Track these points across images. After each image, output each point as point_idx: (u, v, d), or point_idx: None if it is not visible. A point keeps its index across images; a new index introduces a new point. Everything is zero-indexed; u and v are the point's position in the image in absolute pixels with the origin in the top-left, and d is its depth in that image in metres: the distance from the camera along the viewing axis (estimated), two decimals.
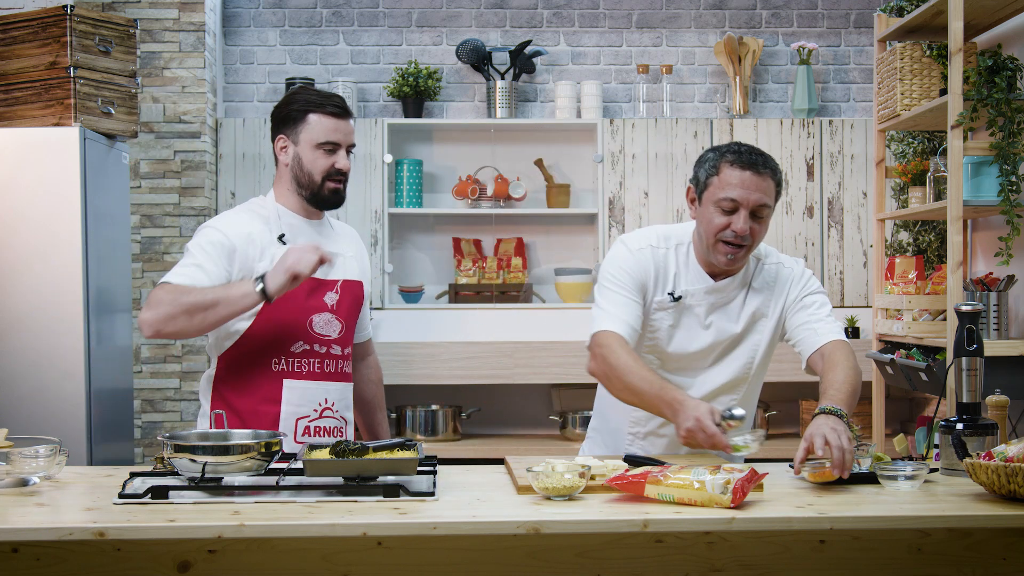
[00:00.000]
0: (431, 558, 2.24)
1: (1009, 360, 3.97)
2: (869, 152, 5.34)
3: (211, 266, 2.85)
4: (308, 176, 2.97)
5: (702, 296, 2.87)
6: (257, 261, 2.90)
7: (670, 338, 2.88)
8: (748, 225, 2.75)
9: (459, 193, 5.43)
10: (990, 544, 2.29)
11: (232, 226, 2.93)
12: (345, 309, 3.02)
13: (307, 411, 2.95)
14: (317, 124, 2.96)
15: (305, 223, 3.02)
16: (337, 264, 3.02)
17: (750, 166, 2.76)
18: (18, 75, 4.13)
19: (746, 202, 2.75)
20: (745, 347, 2.93)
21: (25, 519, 2.23)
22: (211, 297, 2.77)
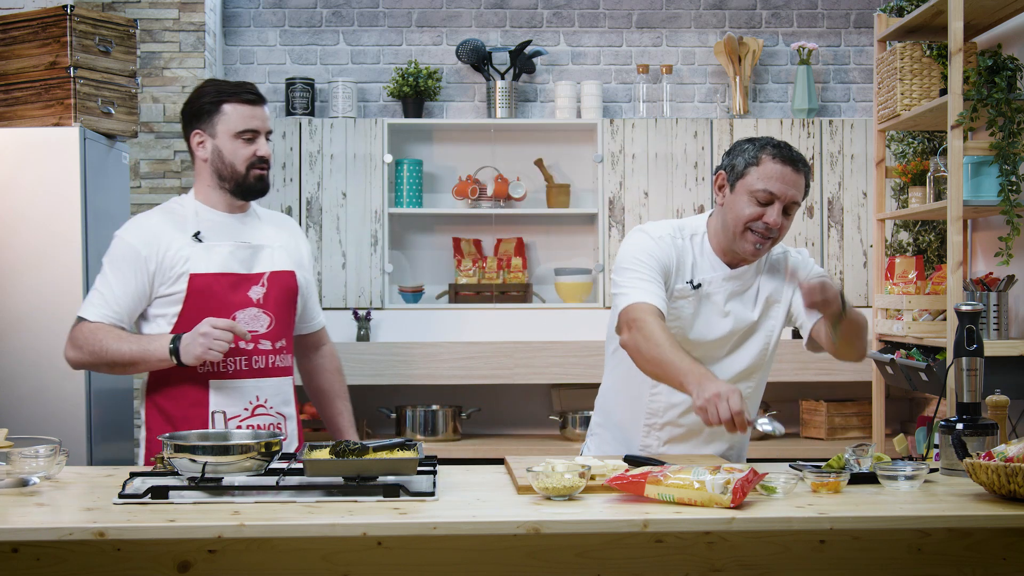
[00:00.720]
0: (431, 558, 2.24)
1: (1009, 360, 3.97)
2: (869, 152, 5.34)
3: (120, 286, 2.88)
4: (231, 167, 2.93)
5: (720, 284, 2.90)
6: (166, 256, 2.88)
7: (691, 326, 2.90)
8: (780, 219, 2.80)
9: (459, 193, 5.44)
10: (990, 544, 2.29)
11: (137, 232, 2.93)
12: (274, 302, 2.97)
13: (237, 410, 2.92)
14: (233, 113, 2.92)
15: (226, 218, 2.98)
16: (263, 256, 2.98)
17: (790, 162, 2.81)
18: (18, 75, 4.13)
19: (783, 196, 2.80)
20: (761, 334, 2.95)
21: (25, 519, 2.23)
22: (128, 356, 2.84)
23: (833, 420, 5.29)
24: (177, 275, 2.89)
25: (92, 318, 2.88)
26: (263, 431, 2.79)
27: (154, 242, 2.89)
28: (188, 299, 2.89)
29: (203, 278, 2.89)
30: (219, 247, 2.93)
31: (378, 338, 5.36)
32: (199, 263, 2.90)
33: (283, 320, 3.01)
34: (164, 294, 2.90)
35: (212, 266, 2.91)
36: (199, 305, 2.89)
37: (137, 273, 2.88)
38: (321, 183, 5.31)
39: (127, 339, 2.86)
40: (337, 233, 5.31)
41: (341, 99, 5.41)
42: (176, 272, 2.88)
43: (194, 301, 2.89)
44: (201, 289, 2.89)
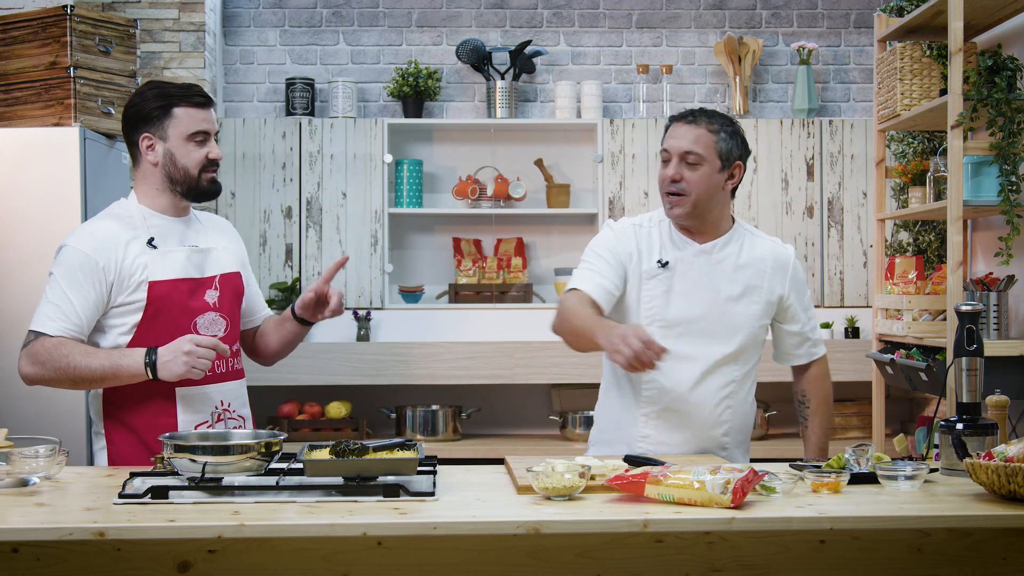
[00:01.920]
0: (431, 558, 2.24)
1: (1009, 360, 3.97)
2: (869, 152, 5.34)
3: (78, 298, 2.79)
4: (184, 171, 2.88)
5: (692, 259, 3.00)
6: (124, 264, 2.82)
7: (667, 303, 2.98)
8: (678, 171, 2.94)
9: (459, 193, 5.44)
10: (990, 544, 2.29)
11: (90, 239, 2.83)
12: (228, 304, 2.96)
13: (204, 416, 2.89)
14: (185, 116, 2.87)
15: (173, 222, 2.93)
16: (212, 259, 2.96)
17: (681, 118, 2.98)
18: (18, 75, 4.14)
19: (674, 149, 2.95)
20: (742, 314, 3.00)
21: (25, 519, 2.23)
22: (99, 371, 2.74)
23: (833, 420, 5.27)
24: (136, 283, 2.82)
25: (53, 332, 2.78)
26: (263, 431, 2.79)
27: (110, 250, 2.82)
28: (149, 306, 2.83)
29: (162, 285, 2.85)
30: (174, 252, 2.89)
31: (378, 338, 5.36)
32: (156, 270, 2.85)
33: (235, 322, 3.00)
34: (122, 303, 2.83)
35: (169, 272, 2.86)
36: (160, 311, 2.84)
37: (95, 284, 2.80)
38: (321, 183, 5.31)
39: (95, 354, 2.76)
40: (337, 233, 5.31)
41: (341, 99, 5.41)
42: (135, 280, 2.82)
43: (154, 309, 2.83)
44: (161, 296, 2.84)
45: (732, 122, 2.99)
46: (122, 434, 2.87)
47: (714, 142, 2.93)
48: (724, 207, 3.03)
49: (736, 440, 3.09)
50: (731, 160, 2.96)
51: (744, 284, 3.00)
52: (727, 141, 2.94)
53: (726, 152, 2.95)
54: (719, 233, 3.02)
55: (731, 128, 2.96)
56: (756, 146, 5.37)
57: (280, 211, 5.29)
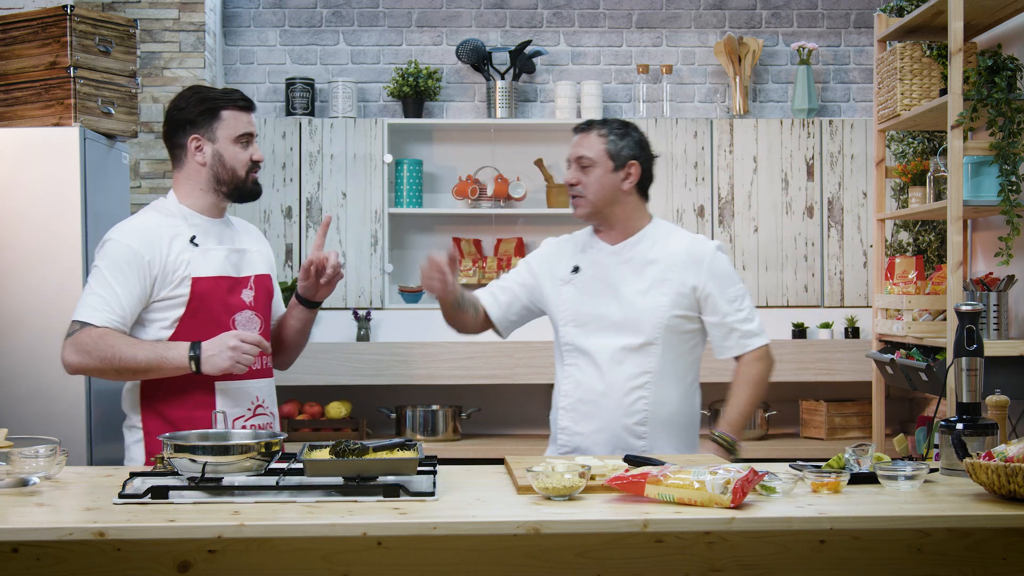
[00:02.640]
0: (431, 558, 2.24)
1: (1009, 360, 3.97)
2: (869, 152, 5.34)
3: (123, 291, 2.85)
4: (231, 171, 2.96)
5: (603, 260, 3.18)
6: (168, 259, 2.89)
7: (579, 304, 3.17)
8: (573, 175, 3.15)
9: (459, 193, 5.44)
10: (990, 544, 2.29)
11: (135, 234, 2.91)
12: (261, 304, 3.04)
13: (241, 411, 2.96)
14: (232, 119, 2.96)
15: (212, 222, 3.00)
16: (247, 260, 3.03)
17: (578, 129, 3.20)
18: (18, 75, 4.13)
19: (571, 157, 3.18)
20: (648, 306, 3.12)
21: (25, 519, 2.23)
22: (144, 362, 2.82)
23: (833, 420, 5.29)
24: (180, 279, 2.89)
25: (99, 323, 2.84)
26: (263, 431, 2.79)
27: (155, 246, 2.89)
28: (191, 302, 2.90)
29: (204, 281, 2.91)
30: (215, 251, 2.96)
31: (378, 338, 5.36)
32: (199, 267, 2.92)
33: (267, 322, 3.07)
34: (164, 297, 2.90)
35: (210, 270, 2.93)
36: (202, 308, 2.90)
37: (141, 277, 2.87)
38: (321, 183, 5.31)
39: (140, 346, 2.84)
40: (337, 233, 5.31)
41: (341, 99, 5.41)
42: (179, 276, 2.89)
43: (196, 305, 2.90)
44: (203, 293, 2.91)
45: (625, 126, 3.18)
46: (159, 426, 2.91)
47: (603, 145, 3.13)
48: (632, 206, 3.18)
49: (658, 431, 3.13)
50: (623, 160, 3.14)
51: (651, 278, 3.13)
52: (616, 143, 3.13)
53: (616, 153, 3.13)
54: (632, 232, 3.19)
55: (621, 131, 3.16)
56: (756, 146, 5.37)
57: (280, 211, 5.29)
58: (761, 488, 2.41)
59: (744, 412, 3.18)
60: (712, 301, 3.14)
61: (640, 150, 3.17)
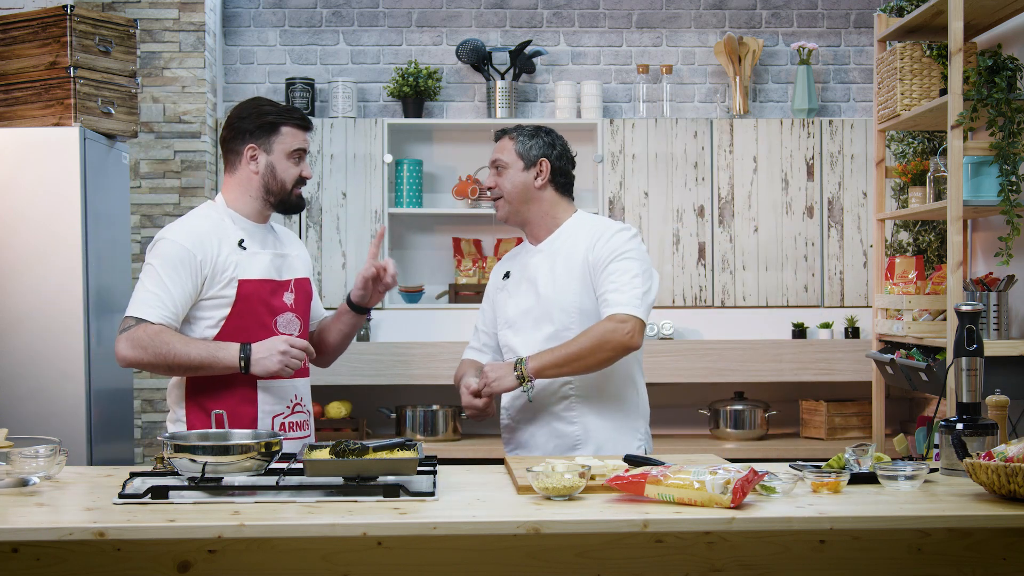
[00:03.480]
0: (431, 558, 2.24)
1: (1009, 360, 3.97)
2: (869, 152, 5.34)
3: (177, 289, 2.96)
4: (281, 184, 3.09)
5: (528, 261, 3.28)
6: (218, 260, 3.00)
7: (508, 305, 3.29)
8: (491, 179, 3.29)
9: (459, 193, 5.44)
10: (990, 544, 2.30)
11: (188, 234, 3.02)
12: (301, 307, 3.16)
13: (281, 408, 3.06)
14: (290, 135, 3.09)
15: (257, 228, 3.13)
16: (288, 264, 3.16)
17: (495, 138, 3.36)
18: (18, 75, 4.13)
19: (489, 163, 3.34)
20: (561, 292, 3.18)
21: (25, 519, 2.23)
22: (196, 360, 2.93)
23: (833, 420, 5.29)
24: (227, 280, 3.00)
25: (154, 320, 2.93)
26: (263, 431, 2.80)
27: (207, 246, 3.01)
28: (237, 303, 3.01)
29: (250, 284, 3.03)
30: (260, 255, 3.08)
31: (378, 338, 5.36)
32: (246, 269, 3.03)
33: (306, 324, 3.20)
34: (212, 296, 3.00)
35: (256, 272, 3.05)
36: (246, 309, 3.02)
37: (192, 276, 2.98)
38: (321, 183, 5.31)
39: (194, 344, 2.94)
40: (337, 233, 5.31)
41: (341, 99, 5.41)
42: (227, 277, 3.00)
43: (241, 306, 3.01)
44: (248, 294, 3.02)
45: (537, 129, 3.30)
46: (203, 419, 2.99)
47: (513, 146, 3.25)
48: (549, 203, 3.28)
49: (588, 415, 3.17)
50: (532, 158, 3.24)
51: (564, 267, 3.20)
52: (524, 143, 3.25)
53: (525, 152, 3.24)
54: (553, 229, 3.28)
55: (529, 131, 3.28)
56: (756, 146, 5.37)
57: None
58: (761, 488, 2.41)
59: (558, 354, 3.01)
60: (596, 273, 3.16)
61: (549, 148, 3.26)
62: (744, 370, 5.31)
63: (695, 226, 5.35)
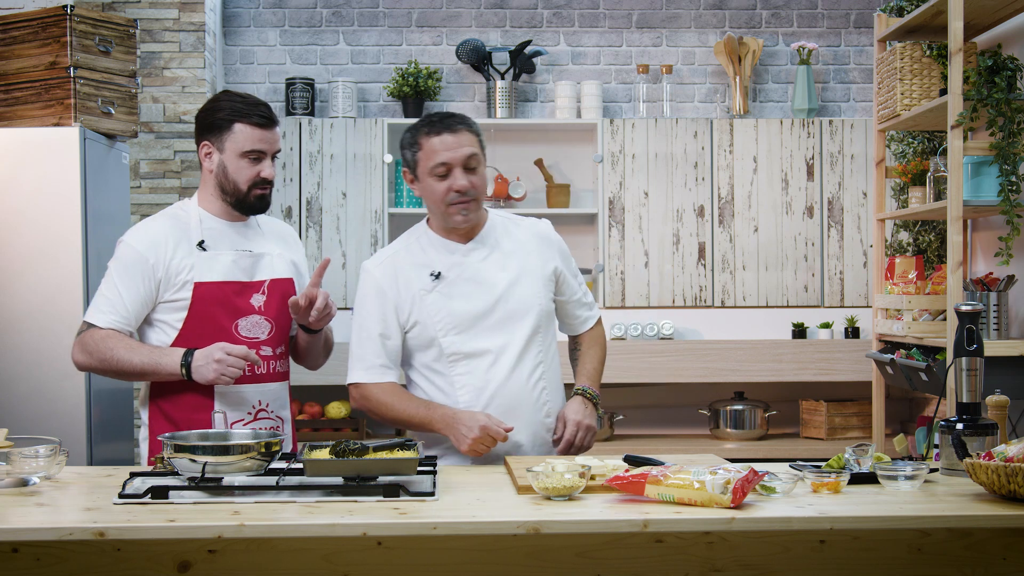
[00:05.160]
0: (431, 558, 2.24)
1: (1009, 360, 3.97)
2: (869, 152, 5.34)
3: (129, 293, 2.92)
4: (233, 184, 2.98)
5: (462, 261, 3.01)
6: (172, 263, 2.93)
7: (452, 309, 2.97)
8: (467, 179, 2.92)
9: None
10: (990, 544, 2.29)
11: (144, 237, 2.96)
12: (275, 309, 3.02)
13: (240, 415, 2.96)
14: (242, 134, 2.95)
15: (228, 227, 3.03)
16: (264, 264, 3.04)
17: (445, 128, 2.93)
18: (18, 75, 4.13)
19: (455, 160, 2.91)
20: (526, 295, 3.03)
21: (25, 519, 2.23)
22: (139, 366, 2.88)
23: (833, 420, 5.29)
24: (182, 283, 2.94)
25: (102, 324, 2.92)
26: (263, 431, 2.80)
27: (160, 249, 2.94)
28: (193, 307, 2.94)
29: (207, 287, 2.94)
30: (222, 256, 2.98)
31: None
32: (203, 272, 2.95)
33: (282, 326, 3.06)
34: (168, 300, 2.95)
35: (215, 274, 2.96)
36: (204, 312, 2.94)
37: (145, 280, 2.93)
38: (321, 183, 5.31)
39: (138, 349, 2.90)
40: (337, 233, 5.31)
41: (341, 99, 5.41)
42: (181, 280, 2.94)
43: (198, 309, 2.94)
44: (205, 297, 2.94)
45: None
46: (163, 424, 2.96)
47: (479, 143, 2.98)
48: None
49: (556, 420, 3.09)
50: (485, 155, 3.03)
51: (517, 268, 3.03)
52: (480, 135, 3.00)
53: (484, 145, 3.01)
54: (478, 229, 3.04)
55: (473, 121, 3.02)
56: (756, 146, 5.37)
57: (280, 211, 5.29)
58: (761, 488, 2.41)
59: (599, 368, 3.18)
60: (566, 280, 3.13)
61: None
62: (744, 370, 5.31)
63: (695, 226, 5.35)
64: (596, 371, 3.18)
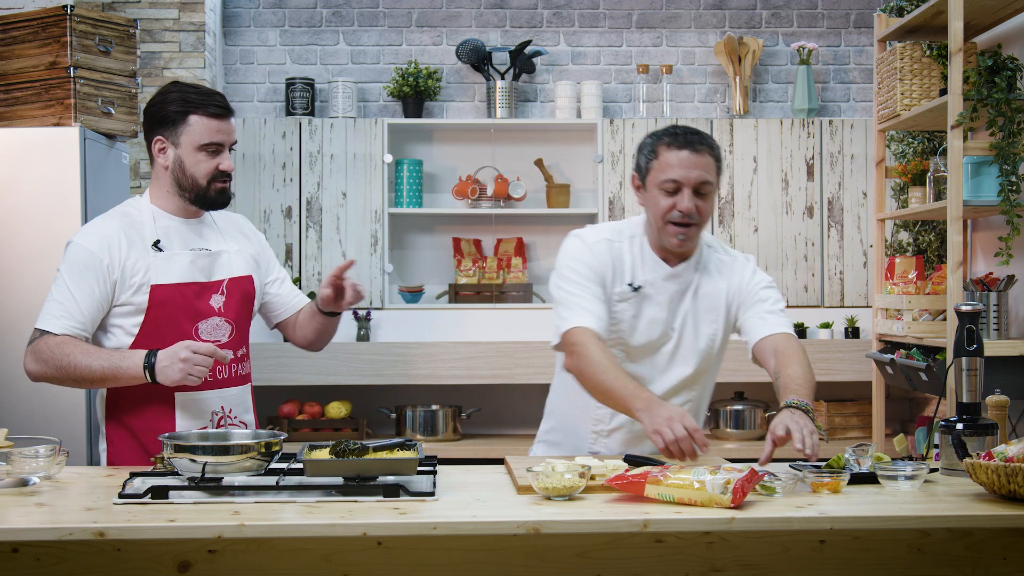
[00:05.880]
0: (431, 558, 2.24)
1: (1009, 360, 3.97)
2: (869, 152, 5.34)
3: (83, 296, 2.78)
4: (192, 179, 2.84)
5: (661, 284, 2.91)
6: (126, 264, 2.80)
7: (633, 329, 2.90)
8: (693, 203, 2.80)
9: (459, 193, 5.44)
10: (990, 544, 2.30)
11: (95, 237, 2.82)
12: (234, 309, 2.92)
13: (203, 421, 2.87)
14: (198, 125, 2.82)
15: (182, 224, 2.90)
16: (221, 262, 2.92)
17: (687, 145, 2.81)
18: (18, 75, 4.13)
19: (687, 180, 2.80)
20: (703, 336, 2.93)
21: (25, 519, 2.23)
22: (99, 372, 2.73)
23: (833, 420, 5.29)
24: (137, 285, 2.81)
25: (56, 331, 2.77)
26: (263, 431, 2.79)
27: (115, 249, 2.81)
28: (150, 311, 2.82)
29: (165, 289, 2.83)
30: (179, 256, 2.86)
31: (378, 338, 5.36)
32: (160, 274, 2.83)
33: (242, 327, 2.96)
34: (124, 303, 2.82)
35: (173, 276, 2.84)
36: (162, 315, 2.82)
37: (100, 282, 2.79)
38: (321, 183, 5.31)
39: (96, 354, 2.75)
40: (337, 233, 5.31)
41: (341, 99, 5.41)
42: (136, 282, 2.81)
43: (157, 312, 2.82)
44: (163, 300, 2.83)
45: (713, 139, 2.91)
46: (122, 436, 2.87)
47: (717, 169, 2.85)
48: None
49: None
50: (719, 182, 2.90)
51: (703, 304, 2.93)
52: (721, 164, 2.88)
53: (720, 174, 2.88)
54: (689, 254, 2.94)
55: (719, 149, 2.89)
56: (756, 146, 5.37)
57: (280, 211, 5.29)
58: (761, 488, 2.41)
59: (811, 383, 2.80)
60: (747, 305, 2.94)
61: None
62: (744, 370, 5.30)
63: None
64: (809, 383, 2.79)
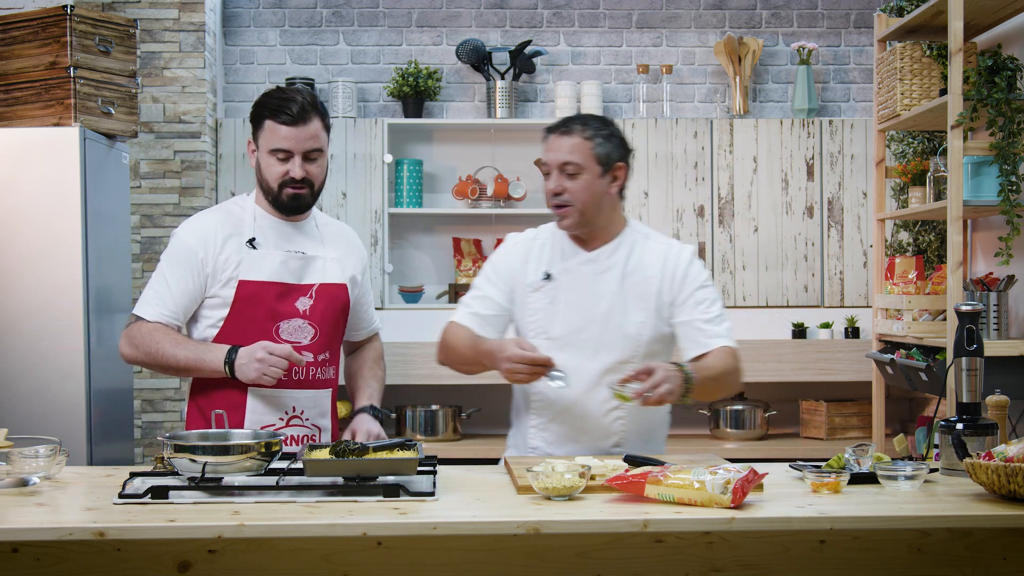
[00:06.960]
0: (431, 558, 2.24)
1: (1009, 360, 3.97)
2: (869, 152, 5.34)
3: (178, 286, 2.90)
4: (266, 182, 2.93)
5: (578, 269, 2.96)
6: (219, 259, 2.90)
7: (552, 316, 2.95)
8: (559, 184, 2.90)
9: (459, 193, 5.44)
10: (990, 544, 2.30)
11: (194, 231, 2.94)
12: (320, 314, 2.96)
13: (272, 419, 2.92)
14: (270, 131, 2.89)
15: (281, 224, 2.98)
16: (315, 267, 2.97)
17: (555, 129, 2.93)
18: (18, 75, 4.13)
19: (552, 162, 2.91)
20: (630, 323, 2.93)
21: (25, 519, 2.23)
22: (184, 361, 2.86)
23: (833, 420, 5.29)
24: (227, 279, 2.90)
25: (150, 318, 2.90)
26: (263, 431, 2.79)
27: (210, 244, 2.91)
28: (235, 305, 2.90)
29: (252, 285, 2.90)
30: (271, 255, 2.93)
31: None
32: (250, 270, 2.91)
33: (328, 333, 2.99)
34: (214, 295, 2.92)
35: (262, 274, 2.91)
36: (245, 312, 2.90)
37: (194, 274, 2.91)
38: None
39: (183, 344, 2.87)
40: None
41: (341, 99, 5.41)
42: (227, 276, 2.90)
43: (240, 307, 2.90)
44: (248, 296, 2.90)
45: (608, 124, 2.94)
46: (195, 417, 2.96)
47: (590, 148, 2.88)
48: (613, 211, 2.98)
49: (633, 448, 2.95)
50: (611, 163, 2.91)
51: (632, 291, 2.93)
52: (603, 145, 2.89)
53: (604, 156, 2.89)
54: (609, 238, 2.97)
55: (607, 131, 2.91)
56: (756, 146, 5.37)
57: None
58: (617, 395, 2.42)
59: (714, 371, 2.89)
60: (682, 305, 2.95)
61: (625, 151, 2.95)
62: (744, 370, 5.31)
63: (695, 226, 5.35)
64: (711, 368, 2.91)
